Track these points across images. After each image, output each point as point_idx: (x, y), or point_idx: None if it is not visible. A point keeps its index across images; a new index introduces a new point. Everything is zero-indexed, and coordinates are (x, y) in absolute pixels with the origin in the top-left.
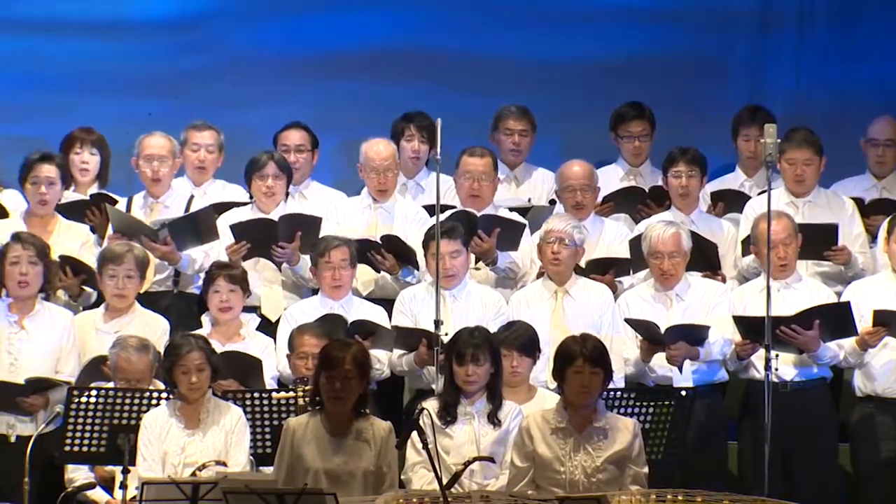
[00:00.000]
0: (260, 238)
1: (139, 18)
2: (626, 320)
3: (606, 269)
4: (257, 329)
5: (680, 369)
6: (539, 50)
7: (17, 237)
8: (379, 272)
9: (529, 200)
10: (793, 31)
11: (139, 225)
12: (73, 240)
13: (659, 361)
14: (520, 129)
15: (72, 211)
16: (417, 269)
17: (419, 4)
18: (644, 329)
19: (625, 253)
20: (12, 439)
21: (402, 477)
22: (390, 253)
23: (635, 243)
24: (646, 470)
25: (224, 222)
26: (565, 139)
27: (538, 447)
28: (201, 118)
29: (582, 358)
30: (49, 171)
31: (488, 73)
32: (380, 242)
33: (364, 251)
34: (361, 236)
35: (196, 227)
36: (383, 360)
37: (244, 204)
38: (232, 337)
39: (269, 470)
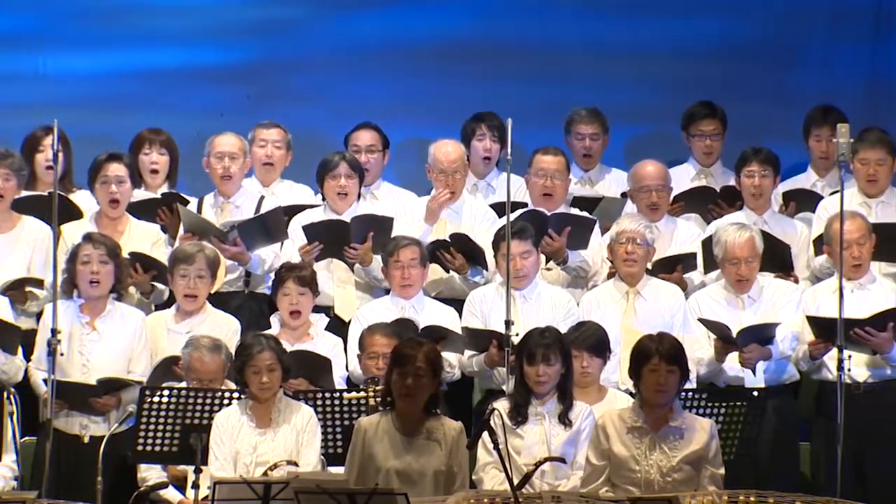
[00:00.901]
0: (332, 239)
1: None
2: (700, 320)
3: (673, 267)
4: (327, 329)
5: (753, 371)
6: (610, 43)
7: (87, 237)
8: (448, 271)
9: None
10: (869, 26)
11: (209, 225)
12: (143, 239)
13: (730, 362)
14: (591, 133)
15: (142, 210)
16: (486, 269)
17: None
18: (717, 330)
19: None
20: (86, 440)
21: (473, 477)
22: (459, 252)
23: (707, 244)
24: (722, 471)
25: (297, 223)
26: (634, 136)
27: (613, 446)
28: (270, 117)
29: (658, 356)
30: (118, 170)
31: (558, 67)
32: (448, 241)
33: (433, 250)
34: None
35: (265, 227)
36: (454, 362)
37: (316, 206)
38: (301, 337)
39: (339, 470)
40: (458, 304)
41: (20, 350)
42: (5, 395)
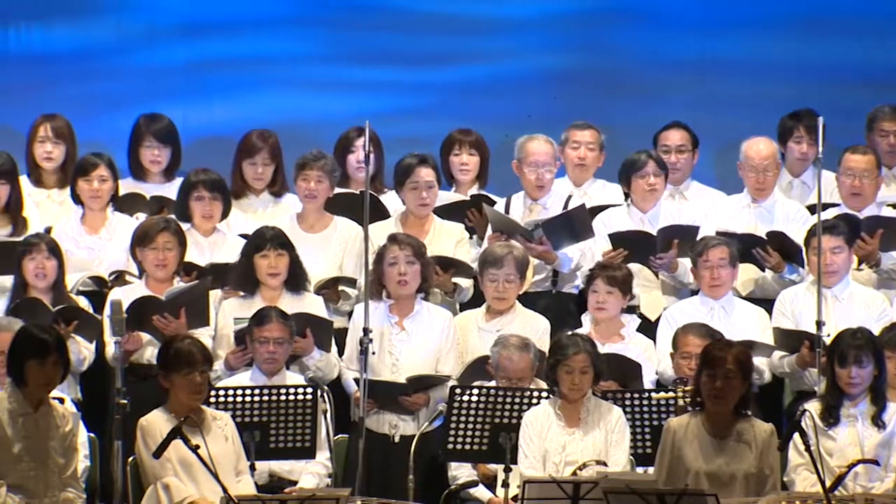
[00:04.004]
0: (638, 248)
1: (517, 17)
2: None
3: None
4: (637, 330)
5: None
6: None
7: (393, 238)
8: (763, 270)
9: None
10: None
11: (515, 225)
12: (447, 239)
13: None
14: (895, 130)
15: (449, 212)
16: (802, 267)
17: None
18: None
19: None
20: (396, 439)
21: (784, 479)
22: (775, 250)
23: None
24: None
25: (601, 223)
26: None
27: None
28: (581, 119)
29: None
30: (427, 174)
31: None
32: (765, 239)
33: (748, 247)
34: None
35: (571, 225)
36: (761, 367)
37: (618, 205)
38: (611, 337)
39: (648, 470)
40: (768, 304)
41: (334, 347)
42: (319, 393)
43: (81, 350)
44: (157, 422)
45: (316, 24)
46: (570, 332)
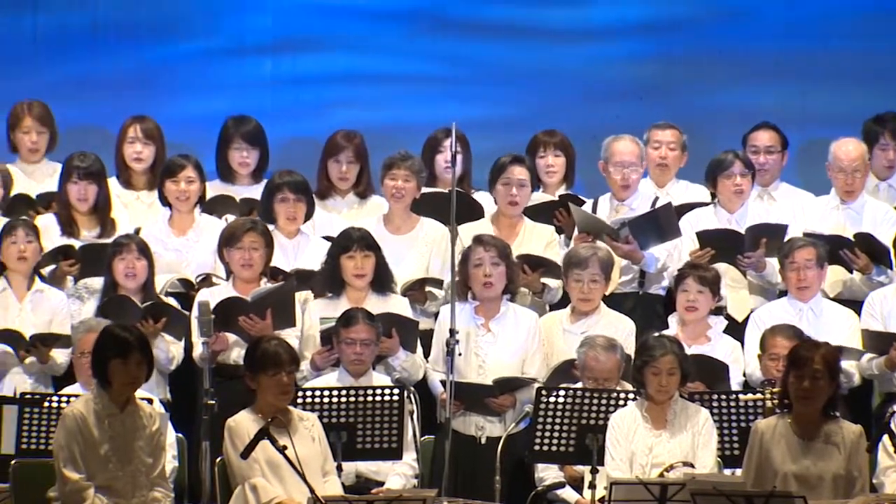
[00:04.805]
0: (726, 247)
1: (605, 23)
2: None
3: None
4: (724, 331)
5: None
6: None
7: (478, 240)
8: (851, 272)
9: None
10: None
11: (602, 224)
12: (537, 240)
13: None
14: None
15: (538, 212)
16: (890, 269)
17: None
18: None
19: None
20: (482, 441)
21: (874, 481)
22: (863, 252)
23: None
24: None
25: (687, 223)
26: None
27: None
28: (663, 118)
29: None
30: (521, 172)
31: None
32: (852, 241)
33: (836, 249)
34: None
35: (657, 225)
36: (850, 371)
37: (706, 204)
38: (698, 338)
39: (736, 472)
40: (856, 305)
41: (419, 348)
42: (406, 394)
43: (170, 349)
44: (244, 422)
45: (403, 31)
46: (656, 334)
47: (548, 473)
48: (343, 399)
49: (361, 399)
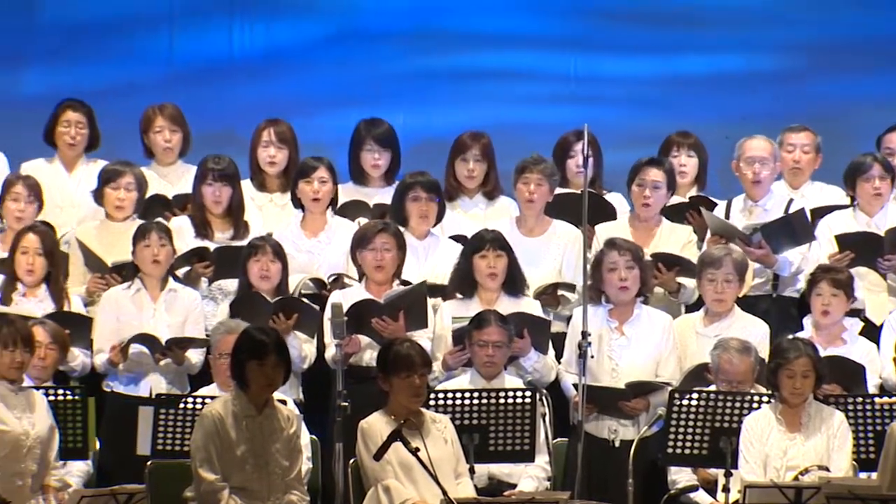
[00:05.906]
0: (865, 250)
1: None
2: None
3: None
4: (860, 334)
5: None
6: None
7: (611, 243)
8: None
9: None
10: None
11: (733, 229)
12: (675, 241)
13: None
14: None
15: (674, 213)
16: None
17: None
18: None
19: None
20: (616, 444)
21: None
22: None
23: None
24: None
25: (826, 226)
26: None
27: None
28: (799, 121)
29: None
30: (656, 175)
31: None
32: None
33: None
34: None
35: (790, 229)
36: None
37: (844, 207)
38: (834, 341)
39: (872, 475)
40: None
41: (551, 350)
42: (538, 396)
43: (302, 347)
44: (377, 424)
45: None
46: (791, 336)
47: (681, 476)
48: (475, 401)
49: (494, 401)
